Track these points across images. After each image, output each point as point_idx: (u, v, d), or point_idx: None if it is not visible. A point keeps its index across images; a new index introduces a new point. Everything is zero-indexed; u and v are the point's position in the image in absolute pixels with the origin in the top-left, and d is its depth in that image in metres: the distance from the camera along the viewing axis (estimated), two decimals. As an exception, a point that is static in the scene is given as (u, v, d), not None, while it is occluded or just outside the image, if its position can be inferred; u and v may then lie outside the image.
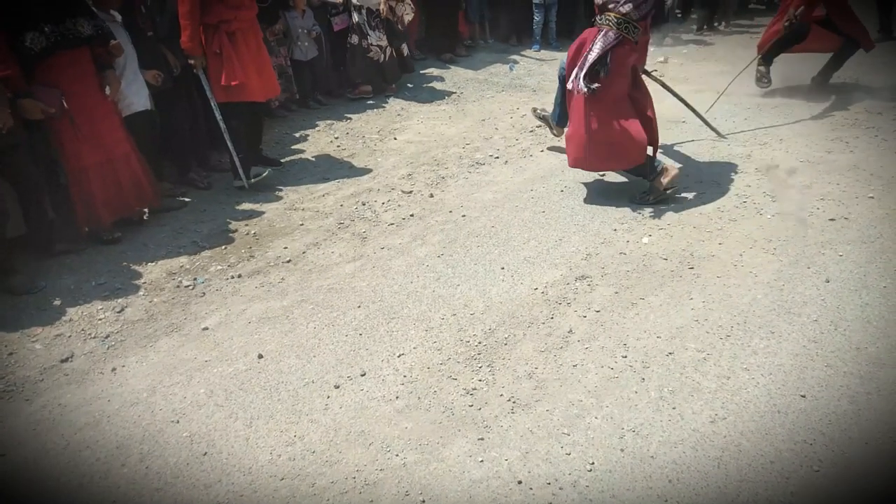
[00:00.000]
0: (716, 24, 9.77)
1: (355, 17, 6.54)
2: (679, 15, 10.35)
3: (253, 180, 4.70)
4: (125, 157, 4.04)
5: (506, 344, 2.95)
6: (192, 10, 4.24)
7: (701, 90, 6.57)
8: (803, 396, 2.52)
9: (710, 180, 4.41)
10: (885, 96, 5.83)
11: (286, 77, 6.20)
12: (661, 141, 4.32)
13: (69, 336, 3.23)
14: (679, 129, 5.42)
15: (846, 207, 3.91)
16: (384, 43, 6.63)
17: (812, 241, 3.58)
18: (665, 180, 4.03)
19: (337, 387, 2.75)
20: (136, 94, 4.20)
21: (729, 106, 5.94)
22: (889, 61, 6.98)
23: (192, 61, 4.40)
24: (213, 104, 4.51)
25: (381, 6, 6.51)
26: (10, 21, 3.52)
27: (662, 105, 6.16)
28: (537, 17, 8.61)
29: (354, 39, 6.58)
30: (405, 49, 6.83)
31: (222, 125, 4.54)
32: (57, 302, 3.47)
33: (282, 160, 5.28)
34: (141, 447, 2.51)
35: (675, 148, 5.02)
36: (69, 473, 2.41)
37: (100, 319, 3.35)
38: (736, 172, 4.51)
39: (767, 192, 4.17)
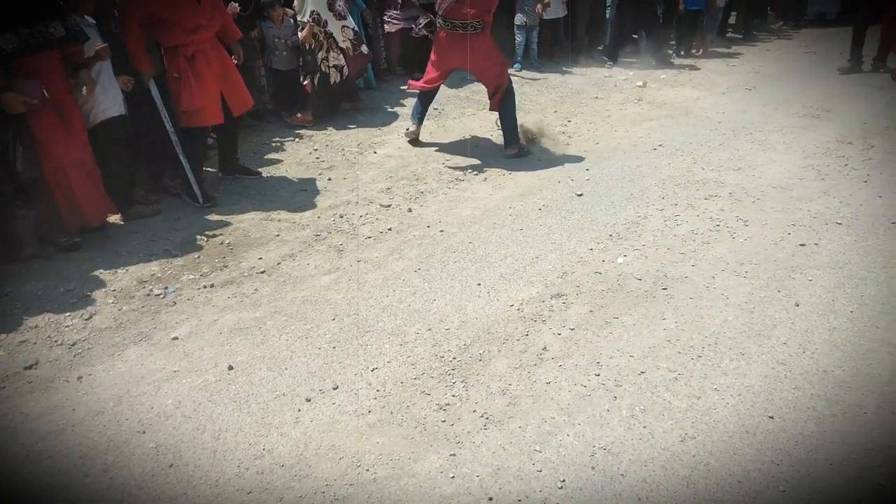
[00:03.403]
0: (693, 50, 9.97)
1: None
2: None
3: (207, 205, 4.58)
4: (91, 158, 4.03)
5: (480, 360, 2.94)
6: (130, 31, 4.20)
7: (676, 114, 6.70)
8: (771, 417, 2.55)
9: (685, 203, 4.48)
10: (856, 126, 6.00)
11: (259, 87, 6.18)
12: (637, 164, 4.38)
13: (34, 343, 3.15)
14: (655, 154, 5.51)
15: (816, 233, 3.99)
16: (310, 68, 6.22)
17: (783, 266, 3.65)
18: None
19: (308, 400, 2.72)
20: (111, 100, 4.14)
21: (706, 131, 6.06)
22: (860, 92, 7.21)
23: (142, 78, 4.32)
24: (164, 118, 4.39)
25: (304, 33, 6.06)
26: None
27: (640, 128, 6.28)
28: (519, 38, 8.71)
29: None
30: (340, 72, 6.26)
31: (178, 148, 4.44)
32: (23, 308, 3.39)
33: (260, 170, 5.26)
34: (105, 458, 2.45)
35: (651, 171, 5.09)
36: (30, 484, 2.35)
37: (67, 326, 3.28)
38: (710, 196, 4.59)
39: (740, 217, 4.25)
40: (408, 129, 5.89)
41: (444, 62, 5.47)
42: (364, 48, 6.40)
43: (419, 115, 5.84)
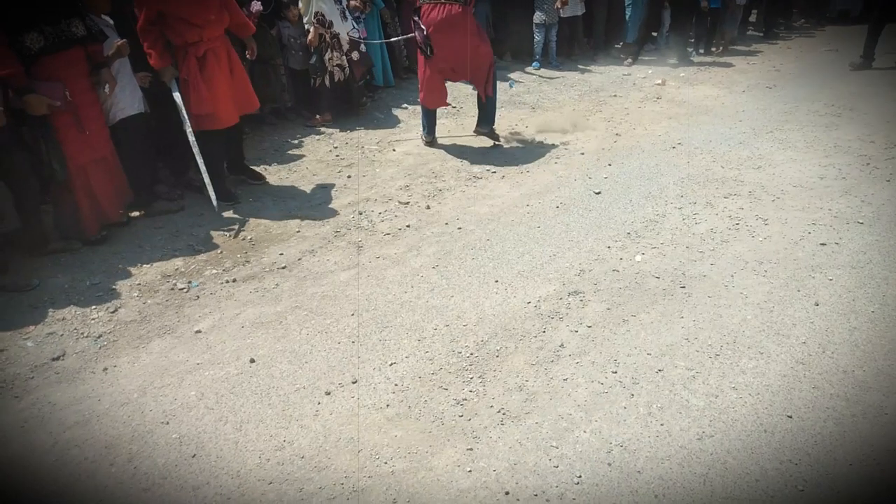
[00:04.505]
0: (713, 48, 9.90)
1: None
2: (669, 35, 10.45)
3: (223, 203, 4.51)
4: (112, 155, 4.12)
5: (497, 356, 2.97)
6: (142, 28, 4.11)
7: (695, 113, 6.66)
8: (790, 417, 2.54)
9: (704, 202, 4.46)
10: (878, 125, 5.93)
11: (280, 86, 6.24)
12: (656, 163, 4.38)
13: (61, 335, 3.23)
14: (674, 152, 5.49)
15: (837, 232, 3.96)
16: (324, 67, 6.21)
17: (803, 265, 3.63)
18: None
19: (328, 393, 2.76)
20: (129, 98, 4.20)
21: (725, 130, 6.02)
22: (882, 90, 7.12)
23: (163, 78, 4.25)
24: (183, 119, 4.28)
25: (311, 35, 6.07)
26: (11, 21, 3.56)
27: (659, 126, 6.25)
28: (538, 37, 8.71)
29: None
30: (343, 71, 6.26)
31: (195, 149, 4.32)
32: (50, 300, 3.47)
33: (279, 167, 5.31)
34: (130, 447, 2.51)
35: (670, 169, 5.07)
36: (57, 472, 2.41)
37: (93, 319, 3.35)
38: (729, 195, 4.56)
39: (760, 215, 4.22)
40: (422, 140, 5.88)
41: (438, 60, 5.37)
42: (355, 54, 6.34)
43: (426, 125, 5.83)
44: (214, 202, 4.49)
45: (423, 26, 5.29)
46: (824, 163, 5.09)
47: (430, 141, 5.84)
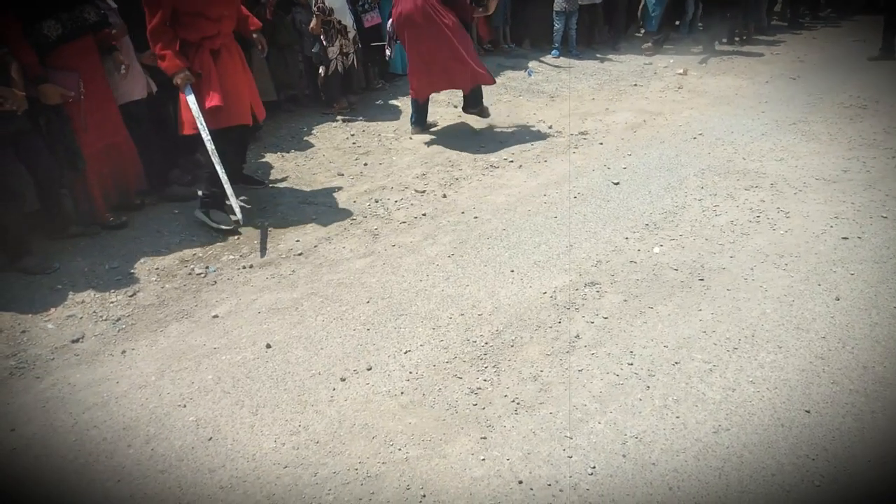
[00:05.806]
0: (737, 38, 9.74)
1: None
2: (701, 27, 10.31)
3: (238, 216, 4.11)
4: (126, 140, 4.15)
5: (512, 346, 2.96)
6: (156, 29, 3.76)
7: (717, 103, 6.57)
8: (808, 412, 2.51)
9: (725, 194, 4.41)
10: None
11: (297, 73, 6.24)
12: (676, 153, 4.33)
13: (81, 317, 3.27)
14: (695, 143, 5.42)
15: (860, 226, 3.89)
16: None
17: (824, 259, 3.57)
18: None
19: (343, 379, 2.77)
20: (132, 83, 4.20)
21: (748, 121, 5.93)
22: (909, 83, 6.97)
23: (176, 81, 3.84)
24: (201, 128, 3.89)
25: (313, 24, 5.95)
26: (29, 9, 3.58)
27: (679, 116, 6.18)
28: (558, 25, 8.62)
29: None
30: (346, 58, 6.22)
31: (214, 157, 3.94)
32: (70, 283, 3.52)
33: (297, 152, 5.32)
34: (147, 429, 2.54)
35: (691, 160, 5.01)
36: (76, 451, 2.45)
37: (112, 302, 3.39)
38: (751, 187, 4.50)
39: (781, 208, 4.16)
40: (412, 133, 5.85)
41: (415, 58, 5.31)
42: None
43: (416, 118, 5.82)
44: (239, 215, 4.09)
45: (391, 23, 5.23)
46: (848, 155, 5.00)
47: (421, 131, 5.84)
